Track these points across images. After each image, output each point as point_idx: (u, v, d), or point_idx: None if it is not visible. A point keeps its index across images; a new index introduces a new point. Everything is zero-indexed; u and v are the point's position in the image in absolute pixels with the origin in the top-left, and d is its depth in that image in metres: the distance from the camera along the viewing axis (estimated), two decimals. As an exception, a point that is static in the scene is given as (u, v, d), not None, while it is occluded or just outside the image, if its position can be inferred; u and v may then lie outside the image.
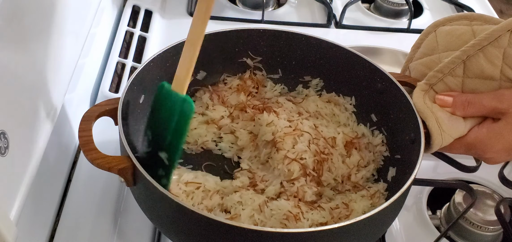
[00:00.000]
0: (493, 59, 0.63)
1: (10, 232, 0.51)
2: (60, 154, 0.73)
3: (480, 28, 0.67)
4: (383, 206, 0.55)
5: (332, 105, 0.76)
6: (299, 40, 0.76)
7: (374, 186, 0.68)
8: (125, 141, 0.58)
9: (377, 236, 0.62)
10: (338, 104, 0.76)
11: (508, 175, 0.75)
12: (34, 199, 0.63)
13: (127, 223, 0.70)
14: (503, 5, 2.23)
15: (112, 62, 0.90)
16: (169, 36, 1.01)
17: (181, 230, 0.58)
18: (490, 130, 0.63)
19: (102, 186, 0.73)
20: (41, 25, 0.63)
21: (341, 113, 0.76)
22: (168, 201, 0.54)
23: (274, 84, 0.79)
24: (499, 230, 0.70)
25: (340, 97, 0.77)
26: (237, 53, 0.77)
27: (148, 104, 0.71)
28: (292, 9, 1.14)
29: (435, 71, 0.66)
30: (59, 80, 0.67)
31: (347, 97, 0.77)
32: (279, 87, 0.79)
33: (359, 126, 0.75)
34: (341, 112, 0.76)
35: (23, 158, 0.57)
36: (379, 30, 1.09)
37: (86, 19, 0.80)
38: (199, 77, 0.77)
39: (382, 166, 0.71)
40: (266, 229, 0.54)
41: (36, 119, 0.60)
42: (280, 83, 0.79)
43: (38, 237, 0.65)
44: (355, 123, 0.75)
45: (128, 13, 1.03)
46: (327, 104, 0.76)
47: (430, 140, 0.64)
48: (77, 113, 0.76)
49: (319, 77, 0.78)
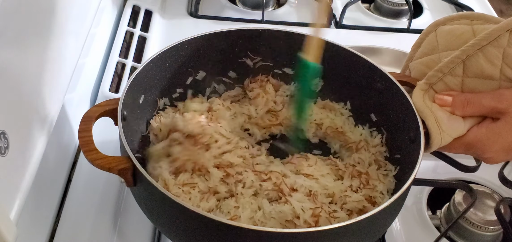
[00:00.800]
0: (493, 59, 0.63)
1: (10, 232, 0.51)
2: (60, 154, 0.74)
3: (480, 27, 0.67)
4: (383, 206, 0.55)
5: (328, 111, 0.76)
6: (299, 40, 0.76)
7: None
8: (125, 141, 0.58)
9: (377, 236, 0.62)
10: (334, 110, 0.76)
11: (508, 175, 0.75)
12: (34, 199, 0.63)
13: (127, 223, 0.70)
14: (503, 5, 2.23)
15: (112, 62, 0.90)
16: (169, 36, 1.01)
17: (181, 230, 0.58)
18: (489, 129, 0.63)
19: (102, 186, 0.73)
20: (41, 25, 0.63)
21: (337, 117, 0.76)
22: (168, 201, 0.54)
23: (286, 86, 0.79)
24: (499, 230, 0.70)
25: (334, 104, 0.77)
26: (237, 53, 0.77)
27: (148, 104, 0.71)
28: (292, 9, 1.14)
29: (435, 71, 0.66)
30: (59, 80, 0.67)
31: (341, 102, 0.77)
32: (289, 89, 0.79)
33: (357, 128, 0.75)
34: (337, 116, 0.76)
35: (23, 158, 0.57)
36: (379, 30, 1.09)
37: (86, 19, 0.80)
38: (199, 78, 0.77)
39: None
40: (266, 229, 0.54)
41: (36, 119, 0.60)
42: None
43: (38, 237, 0.65)
44: (353, 126, 0.75)
45: (128, 13, 1.03)
46: (323, 110, 0.76)
47: (429, 139, 0.64)
48: (77, 113, 0.76)
49: (318, 77, 0.78)
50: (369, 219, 0.54)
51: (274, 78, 0.79)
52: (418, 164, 0.60)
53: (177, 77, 0.74)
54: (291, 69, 0.79)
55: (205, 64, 0.76)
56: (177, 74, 0.74)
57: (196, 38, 0.73)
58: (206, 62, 0.76)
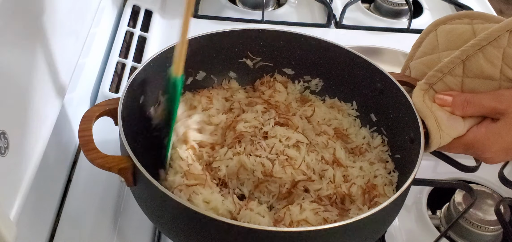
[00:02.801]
0: (493, 59, 0.63)
1: (10, 232, 0.51)
2: (60, 154, 0.74)
3: (481, 27, 0.67)
4: (383, 205, 0.55)
5: (336, 112, 0.76)
6: (299, 40, 0.76)
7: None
8: (125, 141, 0.58)
9: (377, 236, 0.62)
10: (341, 110, 0.76)
11: (508, 175, 0.75)
12: (34, 199, 0.63)
13: (127, 223, 0.70)
14: (503, 5, 2.23)
15: (112, 62, 0.90)
16: (169, 36, 1.01)
17: (182, 230, 0.58)
18: (488, 130, 0.63)
19: (102, 186, 0.73)
20: (41, 25, 0.63)
21: (344, 118, 0.75)
22: (168, 201, 0.54)
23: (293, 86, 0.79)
24: (499, 230, 0.70)
25: (342, 104, 0.77)
26: (236, 54, 0.77)
27: (148, 104, 0.71)
28: (292, 9, 1.14)
29: (435, 71, 0.66)
30: (59, 80, 0.67)
31: (348, 103, 0.77)
32: (296, 88, 0.79)
33: (361, 130, 0.74)
34: (344, 118, 0.75)
35: (23, 158, 0.57)
36: (379, 30, 1.09)
37: (86, 19, 0.80)
38: (199, 78, 0.77)
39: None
40: (266, 228, 0.54)
41: (36, 119, 0.60)
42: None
43: (38, 237, 0.65)
44: (358, 128, 0.75)
45: (128, 13, 1.03)
46: (331, 110, 0.76)
47: (428, 139, 0.64)
48: (77, 113, 0.76)
49: (318, 77, 0.78)
50: (369, 218, 0.54)
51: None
52: (418, 164, 0.60)
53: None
54: (291, 70, 0.79)
55: (205, 64, 0.76)
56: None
57: (196, 38, 0.73)
58: (206, 63, 0.76)
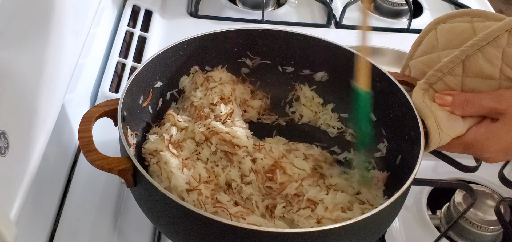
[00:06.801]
0: (492, 59, 0.63)
1: (10, 232, 0.51)
2: (60, 154, 0.74)
3: (481, 25, 0.67)
4: (383, 206, 0.55)
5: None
6: (298, 40, 0.76)
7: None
8: (125, 142, 0.58)
9: (377, 236, 0.62)
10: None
11: (508, 175, 0.75)
12: (34, 199, 0.63)
13: (127, 223, 0.70)
14: (503, 5, 2.23)
15: (112, 62, 0.90)
16: (169, 36, 1.01)
17: (182, 230, 0.58)
18: (488, 130, 0.63)
19: (102, 187, 0.73)
20: (41, 25, 0.63)
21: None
22: (168, 201, 0.54)
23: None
24: (499, 230, 0.70)
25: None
26: (236, 54, 0.77)
27: (148, 105, 0.71)
28: (292, 9, 1.14)
29: (435, 70, 0.66)
30: (59, 80, 0.67)
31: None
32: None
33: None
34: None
35: (23, 158, 0.57)
36: (379, 30, 1.09)
37: (86, 19, 0.80)
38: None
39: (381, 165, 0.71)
40: (266, 229, 0.54)
41: (36, 119, 0.60)
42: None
43: (38, 237, 0.65)
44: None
45: (128, 13, 1.03)
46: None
47: (428, 139, 0.64)
48: (77, 113, 0.76)
49: (323, 71, 0.78)
50: (369, 219, 0.54)
51: (274, 76, 0.79)
52: (418, 163, 0.60)
53: (177, 77, 0.74)
54: (291, 67, 0.79)
55: (205, 65, 0.76)
56: (177, 75, 0.74)
57: (196, 38, 0.73)
58: (206, 63, 0.76)
